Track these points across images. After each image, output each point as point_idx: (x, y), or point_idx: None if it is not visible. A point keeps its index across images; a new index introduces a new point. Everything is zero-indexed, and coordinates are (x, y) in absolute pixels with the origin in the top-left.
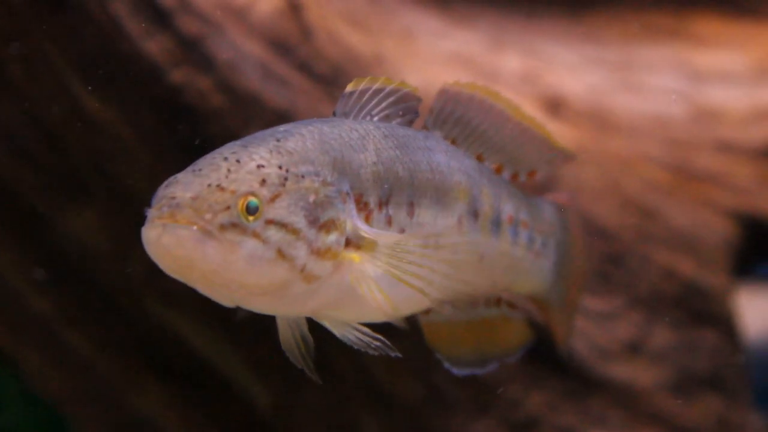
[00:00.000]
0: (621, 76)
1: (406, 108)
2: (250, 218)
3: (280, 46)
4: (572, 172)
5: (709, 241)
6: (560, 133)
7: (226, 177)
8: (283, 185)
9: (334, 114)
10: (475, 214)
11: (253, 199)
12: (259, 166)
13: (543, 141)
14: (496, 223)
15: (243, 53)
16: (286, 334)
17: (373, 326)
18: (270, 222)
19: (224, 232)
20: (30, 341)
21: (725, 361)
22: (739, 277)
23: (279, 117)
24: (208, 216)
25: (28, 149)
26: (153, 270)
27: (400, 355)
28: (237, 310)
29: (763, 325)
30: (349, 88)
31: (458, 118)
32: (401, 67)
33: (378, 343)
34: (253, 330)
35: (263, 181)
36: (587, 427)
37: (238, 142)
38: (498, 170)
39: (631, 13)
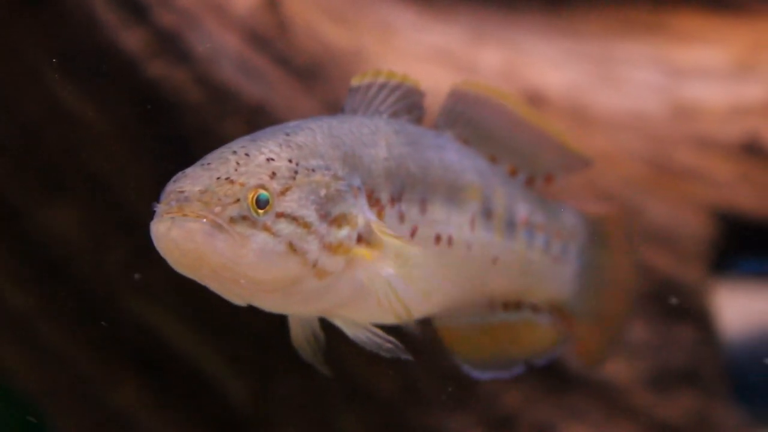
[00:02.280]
0: (601, 71)
1: (412, 104)
2: (260, 211)
3: (258, 39)
4: None
5: (687, 237)
6: None
7: (236, 170)
8: (294, 178)
9: (342, 110)
10: (488, 214)
11: (263, 192)
12: (269, 159)
13: (558, 145)
14: (511, 225)
15: (220, 47)
16: (297, 332)
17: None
18: (280, 215)
19: (234, 226)
20: (6, 336)
21: (703, 357)
22: (717, 272)
23: (255, 110)
24: (217, 209)
25: (3, 144)
26: (130, 264)
27: (411, 358)
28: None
29: (742, 320)
30: (354, 82)
31: (469, 119)
32: (380, 62)
33: (390, 346)
34: (230, 324)
35: (273, 174)
36: (565, 423)
37: (247, 137)
38: (512, 172)
39: (612, 7)
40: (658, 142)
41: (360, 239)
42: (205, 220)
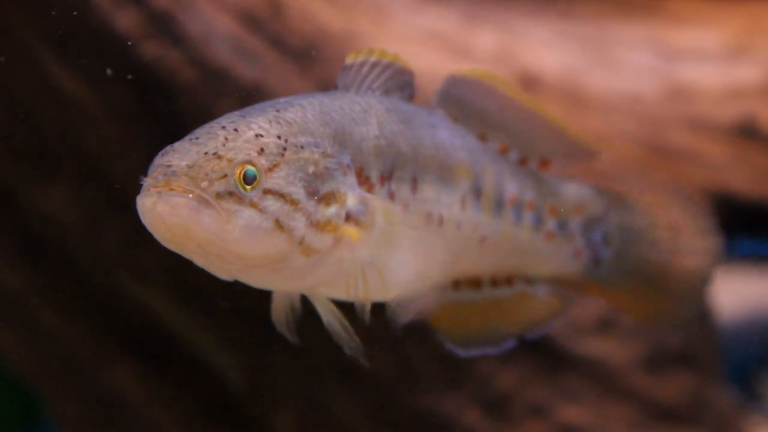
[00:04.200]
0: (596, 53)
1: (403, 82)
2: (248, 187)
3: (252, 21)
4: None
5: None
6: None
7: (224, 145)
8: (282, 155)
9: (335, 87)
10: (477, 192)
11: (250, 168)
12: (258, 135)
13: (555, 130)
14: (499, 203)
15: (214, 28)
16: (278, 305)
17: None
18: (268, 192)
19: (221, 201)
20: (1, 318)
21: (697, 339)
22: None
23: (249, 91)
24: (204, 184)
25: None
26: (125, 245)
27: (367, 364)
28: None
29: (738, 302)
30: (348, 60)
31: (462, 99)
32: (374, 44)
33: (354, 345)
34: (225, 306)
35: (261, 150)
36: (559, 404)
37: (236, 113)
38: (503, 150)
39: None
40: (653, 124)
41: (348, 218)
42: (191, 195)
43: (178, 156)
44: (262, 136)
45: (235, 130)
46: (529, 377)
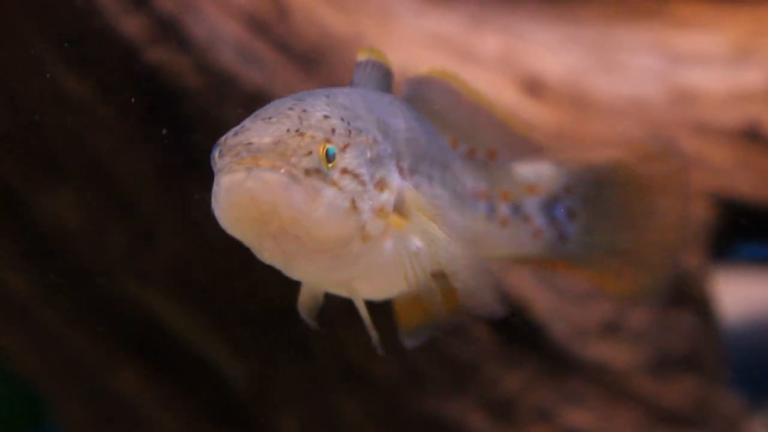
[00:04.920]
0: (600, 57)
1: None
2: (329, 165)
3: (257, 25)
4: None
5: None
6: (539, 113)
7: (301, 124)
8: (349, 136)
9: (351, 83)
10: (455, 190)
11: (331, 146)
12: (326, 117)
13: (499, 123)
14: (462, 199)
15: (220, 33)
16: (306, 297)
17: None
18: (344, 171)
19: (308, 178)
20: (6, 320)
21: (702, 342)
22: (717, 258)
23: (255, 96)
24: (293, 160)
25: (3, 127)
26: (130, 249)
27: (382, 353)
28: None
29: (741, 306)
30: (360, 57)
31: (415, 96)
32: (380, 48)
33: (375, 340)
34: (230, 309)
35: (333, 131)
36: (565, 408)
37: (289, 98)
38: (453, 145)
39: None
40: (657, 128)
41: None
42: (283, 170)
43: (257, 134)
44: (329, 117)
45: (304, 110)
46: (534, 381)
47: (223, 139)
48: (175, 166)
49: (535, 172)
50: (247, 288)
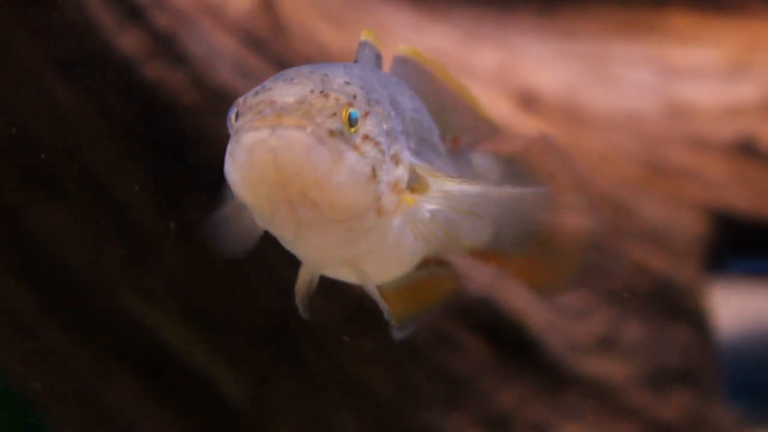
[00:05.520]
0: (595, 71)
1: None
2: (352, 129)
3: (254, 41)
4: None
5: (682, 237)
6: (535, 127)
7: (324, 86)
8: (369, 104)
9: (355, 61)
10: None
11: (354, 110)
12: (347, 83)
13: (465, 107)
14: None
15: (217, 48)
16: (304, 282)
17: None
18: (366, 137)
19: (333, 139)
20: (4, 335)
21: (697, 356)
22: (712, 272)
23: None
24: (318, 120)
25: (0, 144)
26: (127, 264)
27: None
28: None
29: (737, 319)
30: (363, 37)
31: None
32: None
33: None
34: (228, 324)
35: (355, 96)
36: (561, 422)
37: (306, 66)
38: None
39: (605, 8)
40: (652, 142)
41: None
42: (308, 129)
43: (280, 93)
44: (350, 83)
45: (325, 75)
46: (529, 396)
47: (241, 99)
48: (172, 182)
49: (484, 164)
50: (244, 302)
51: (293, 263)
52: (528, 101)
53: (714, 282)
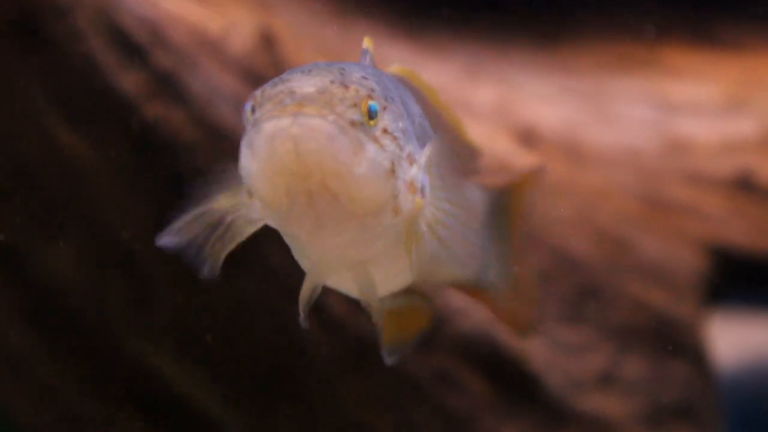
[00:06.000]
0: (594, 107)
1: None
2: (371, 122)
3: (254, 79)
4: (546, 204)
5: (681, 272)
6: (534, 164)
7: (343, 78)
8: (386, 99)
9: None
10: None
11: (374, 103)
12: (364, 77)
13: (452, 131)
14: None
15: (217, 87)
16: (308, 289)
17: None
18: (385, 131)
19: (354, 130)
20: (5, 373)
21: (696, 392)
22: (711, 307)
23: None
24: (339, 109)
25: (2, 184)
26: (128, 303)
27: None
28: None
29: (736, 352)
30: (365, 45)
31: None
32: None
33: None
34: (228, 365)
35: (373, 90)
36: None
37: (320, 62)
38: None
39: (604, 44)
40: (651, 178)
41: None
42: (331, 117)
43: (299, 84)
44: (367, 78)
45: (343, 68)
46: None
47: (258, 91)
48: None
49: (471, 194)
50: (247, 341)
51: (295, 302)
52: (527, 137)
53: (715, 314)
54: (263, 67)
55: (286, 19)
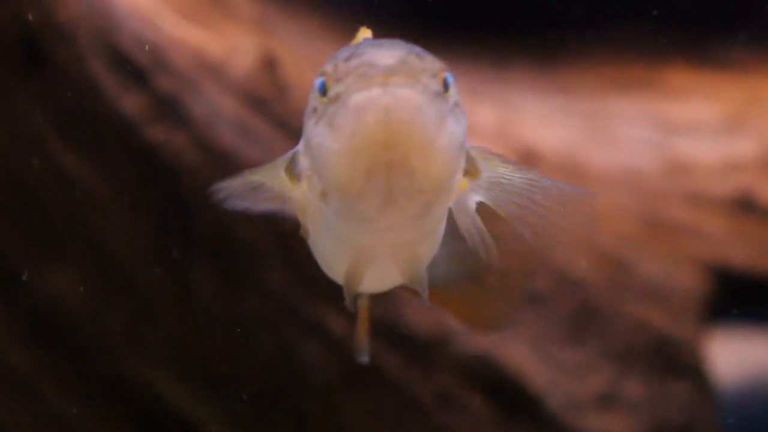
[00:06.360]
0: (594, 128)
1: None
2: (446, 95)
3: (256, 102)
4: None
5: (681, 292)
6: None
7: (416, 50)
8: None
9: None
10: None
11: (448, 74)
12: (424, 50)
13: None
14: None
15: (219, 110)
16: (355, 274)
17: None
18: (456, 105)
19: (437, 101)
20: (7, 395)
21: (697, 412)
22: (712, 327)
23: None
24: (423, 80)
25: (3, 206)
26: (130, 326)
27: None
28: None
29: (737, 370)
30: (363, 35)
31: None
32: None
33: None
34: (231, 387)
35: (442, 62)
36: None
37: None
38: None
39: (604, 64)
40: (652, 199)
41: None
42: (419, 86)
43: (377, 56)
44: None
45: (405, 42)
46: None
47: (328, 67)
48: (174, 243)
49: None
50: (247, 362)
51: (295, 323)
52: (528, 158)
53: (713, 334)
54: (264, 90)
55: (287, 39)
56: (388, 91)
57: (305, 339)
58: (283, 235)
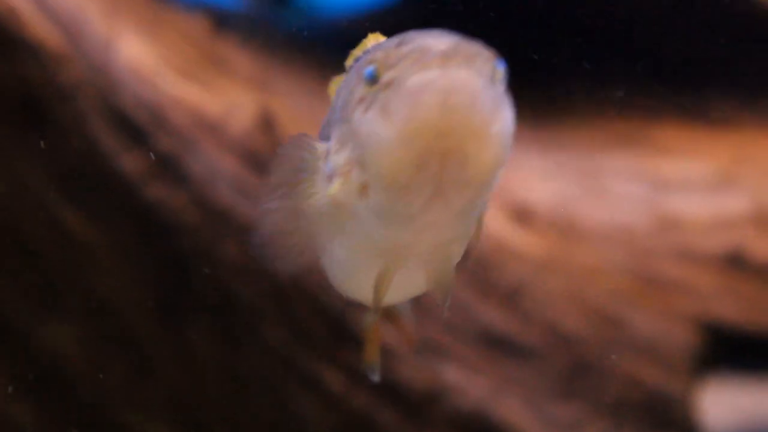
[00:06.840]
0: (587, 184)
1: None
2: (499, 81)
3: (254, 160)
4: (539, 281)
5: (673, 348)
6: (528, 241)
7: (463, 36)
8: None
9: None
10: None
11: (498, 61)
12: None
13: None
14: None
15: (217, 168)
16: (384, 281)
17: None
18: (506, 93)
19: (492, 86)
20: None
21: None
22: (703, 378)
23: (249, 230)
24: (479, 64)
25: (3, 262)
26: (129, 381)
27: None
28: None
29: (729, 420)
30: (372, 41)
31: None
32: None
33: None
34: None
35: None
36: None
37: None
38: None
39: (597, 121)
40: (642, 255)
41: None
42: (476, 69)
43: (430, 41)
44: None
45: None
46: None
47: (379, 54)
48: (173, 300)
49: None
50: (245, 418)
51: (293, 378)
52: (522, 215)
53: (705, 385)
54: (263, 148)
55: (285, 96)
56: (446, 74)
57: (303, 394)
58: (280, 290)
